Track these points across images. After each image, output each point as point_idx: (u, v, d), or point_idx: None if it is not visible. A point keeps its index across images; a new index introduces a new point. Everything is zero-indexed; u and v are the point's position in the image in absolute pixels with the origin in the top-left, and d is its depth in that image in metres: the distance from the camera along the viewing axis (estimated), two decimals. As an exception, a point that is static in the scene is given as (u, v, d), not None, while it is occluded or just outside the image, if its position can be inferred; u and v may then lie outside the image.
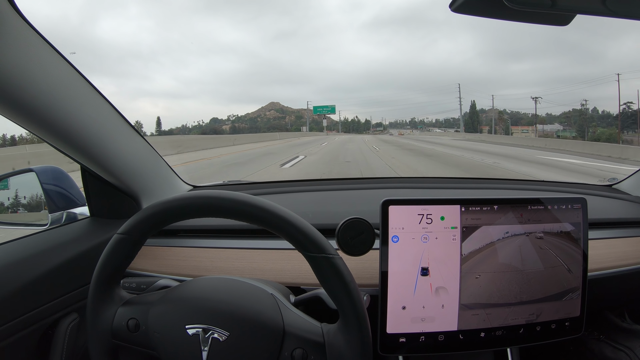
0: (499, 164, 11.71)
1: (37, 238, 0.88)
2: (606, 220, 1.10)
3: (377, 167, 10.34)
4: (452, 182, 1.35)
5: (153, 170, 1.07)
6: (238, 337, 0.61)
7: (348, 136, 62.19)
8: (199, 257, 0.96)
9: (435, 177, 1.42)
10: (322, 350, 0.60)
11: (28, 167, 1.00)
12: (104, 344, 0.65)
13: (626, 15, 0.57)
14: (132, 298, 0.69)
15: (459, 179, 1.41)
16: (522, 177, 4.42)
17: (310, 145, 22.79)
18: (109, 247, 0.65)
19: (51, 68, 0.69)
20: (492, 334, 0.81)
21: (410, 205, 0.78)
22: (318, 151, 16.96)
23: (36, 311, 0.78)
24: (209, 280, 0.71)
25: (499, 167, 10.87)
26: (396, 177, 1.90)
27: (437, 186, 1.30)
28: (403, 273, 0.78)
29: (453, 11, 0.59)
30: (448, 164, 11.63)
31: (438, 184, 1.31)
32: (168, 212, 0.63)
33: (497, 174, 9.44)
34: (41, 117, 0.71)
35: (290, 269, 0.90)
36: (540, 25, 0.63)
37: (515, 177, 4.99)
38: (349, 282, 0.60)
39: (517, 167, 10.64)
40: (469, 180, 1.38)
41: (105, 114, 0.85)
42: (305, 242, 0.60)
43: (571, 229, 0.83)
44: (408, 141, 33.34)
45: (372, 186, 1.31)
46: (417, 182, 1.36)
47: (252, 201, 0.61)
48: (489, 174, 9.49)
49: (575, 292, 0.84)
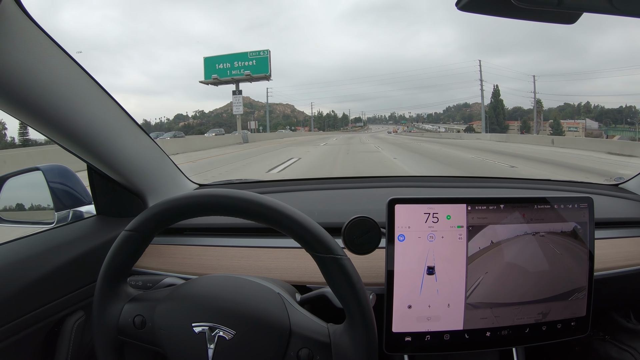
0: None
1: (43, 236, 0.88)
2: (612, 219, 1.10)
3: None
4: (458, 181, 1.35)
5: (159, 168, 1.07)
6: (244, 336, 0.61)
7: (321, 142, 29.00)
8: (204, 255, 0.96)
9: (441, 176, 1.42)
10: (328, 350, 0.60)
11: (34, 166, 1.01)
12: (110, 340, 0.66)
13: (633, 13, 0.56)
14: (139, 295, 0.69)
15: (465, 178, 1.40)
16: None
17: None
18: (116, 243, 0.65)
19: (57, 67, 0.69)
20: (497, 333, 0.81)
21: (416, 204, 0.78)
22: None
23: (42, 309, 0.78)
24: (216, 278, 0.71)
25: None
26: (402, 175, 1.89)
27: (443, 185, 1.30)
28: (409, 272, 0.78)
29: (460, 9, 0.59)
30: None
31: (444, 183, 1.31)
32: (175, 210, 0.63)
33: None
34: (48, 115, 0.71)
35: (296, 267, 0.90)
36: (546, 23, 0.63)
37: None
38: (356, 284, 0.60)
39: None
40: (475, 179, 1.37)
41: (111, 112, 0.85)
42: (313, 242, 0.60)
43: (577, 229, 0.83)
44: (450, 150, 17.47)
45: (378, 185, 1.31)
46: (423, 180, 1.36)
47: (260, 200, 0.61)
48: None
49: (582, 292, 0.84)
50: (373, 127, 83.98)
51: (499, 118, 60.38)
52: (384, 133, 71.01)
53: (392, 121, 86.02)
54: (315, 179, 1.42)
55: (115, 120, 0.87)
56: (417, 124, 78.27)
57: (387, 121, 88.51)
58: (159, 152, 1.06)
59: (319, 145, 23.26)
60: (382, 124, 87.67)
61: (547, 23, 0.63)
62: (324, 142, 28.80)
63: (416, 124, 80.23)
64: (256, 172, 9.15)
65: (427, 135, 54.45)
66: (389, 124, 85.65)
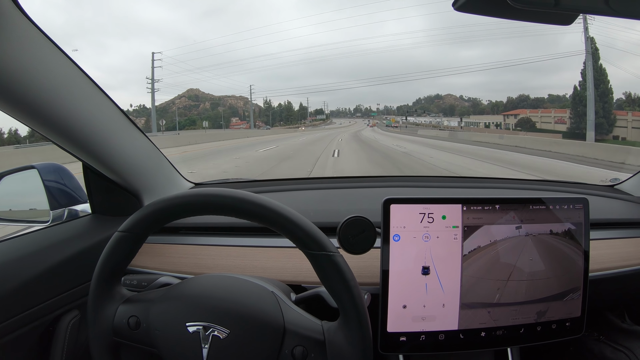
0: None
1: (38, 235, 0.88)
2: (608, 220, 1.10)
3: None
4: (454, 181, 1.35)
5: (155, 167, 1.07)
6: (238, 335, 0.61)
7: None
8: (200, 254, 0.96)
9: (436, 177, 1.42)
10: (323, 347, 0.61)
11: (30, 164, 1.01)
12: (105, 342, 0.65)
13: (629, 15, 0.56)
14: (133, 296, 0.69)
15: (460, 178, 1.41)
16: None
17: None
18: (109, 245, 0.65)
19: (53, 65, 0.69)
20: (492, 333, 0.81)
21: (411, 204, 0.78)
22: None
23: (37, 308, 0.78)
24: (210, 278, 0.71)
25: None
26: (398, 175, 1.90)
27: (439, 185, 1.30)
28: (404, 272, 0.78)
29: (456, 10, 0.59)
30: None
31: (439, 183, 1.31)
32: (168, 210, 0.63)
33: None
34: (43, 114, 0.71)
35: (291, 267, 0.90)
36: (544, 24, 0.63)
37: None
38: (350, 280, 0.60)
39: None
40: (471, 180, 1.38)
41: (107, 111, 0.85)
42: (305, 240, 0.61)
43: (573, 229, 0.83)
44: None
45: (373, 185, 1.31)
46: (418, 180, 1.36)
47: (253, 199, 0.61)
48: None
49: (576, 292, 0.84)
50: (337, 121, 74.34)
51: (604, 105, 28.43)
52: (357, 126, 58.06)
53: (360, 114, 78.00)
54: (311, 179, 1.42)
55: (111, 118, 0.86)
56: (396, 119, 66.40)
57: (352, 114, 79.59)
58: (155, 151, 1.05)
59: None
60: (347, 117, 78.72)
61: (543, 24, 0.63)
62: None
63: (389, 116, 70.19)
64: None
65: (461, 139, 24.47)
66: (355, 116, 77.26)
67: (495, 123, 45.09)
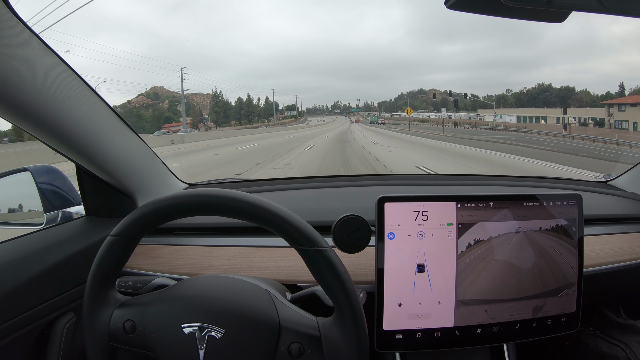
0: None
1: (32, 237, 0.87)
2: (601, 216, 1.11)
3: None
4: (448, 179, 1.36)
5: (148, 168, 1.07)
6: (234, 334, 0.61)
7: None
8: (195, 255, 0.96)
9: (430, 174, 1.42)
10: (319, 343, 0.61)
11: (23, 167, 1.00)
12: (101, 347, 0.65)
13: (621, 12, 0.57)
14: (128, 300, 0.69)
15: (454, 176, 1.41)
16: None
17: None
18: (102, 249, 0.65)
19: (45, 66, 0.69)
20: (488, 330, 0.81)
21: (406, 202, 0.78)
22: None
23: (32, 311, 0.78)
24: (204, 278, 0.71)
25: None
26: (392, 174, 1.90)
27: (433, 183, 1.30)
28: (399, 270, 0.78)
29: (449, 8, 0.59)
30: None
31: (434, 181, 1.32)
32: (161, 211, 0.63)
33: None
34: (35, 115, 0.70)
35: (286, 266, 0.90)
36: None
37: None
38: (342, 274, 0.60)
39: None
40: (465, 177, 1.38)
41: (100, 112, 0.85)
42: (296, 236, 0.60)
43: (566, 225, 0.84)
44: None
45: (367, 183, 1.31)
46: (412, 179, 1.36)
47: (244, 198, 0.61)
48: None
49: (571, 288, 0.84)
50: (313, 119, 63.73)
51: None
52: (337, 124, 46.72)
53: (338, 110, 70.56)
54: (305, 178, 1.42)
55: (104, 120, 0.86)
56: (376, 114, 60.42)
57: (330, 111, 71.52)
58: (148, 152, 1.05)
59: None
60: (324, 114, 69.92)
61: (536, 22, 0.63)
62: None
63: (372, 112, 64.09)
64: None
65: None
66: (334, 113, 69.25)
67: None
